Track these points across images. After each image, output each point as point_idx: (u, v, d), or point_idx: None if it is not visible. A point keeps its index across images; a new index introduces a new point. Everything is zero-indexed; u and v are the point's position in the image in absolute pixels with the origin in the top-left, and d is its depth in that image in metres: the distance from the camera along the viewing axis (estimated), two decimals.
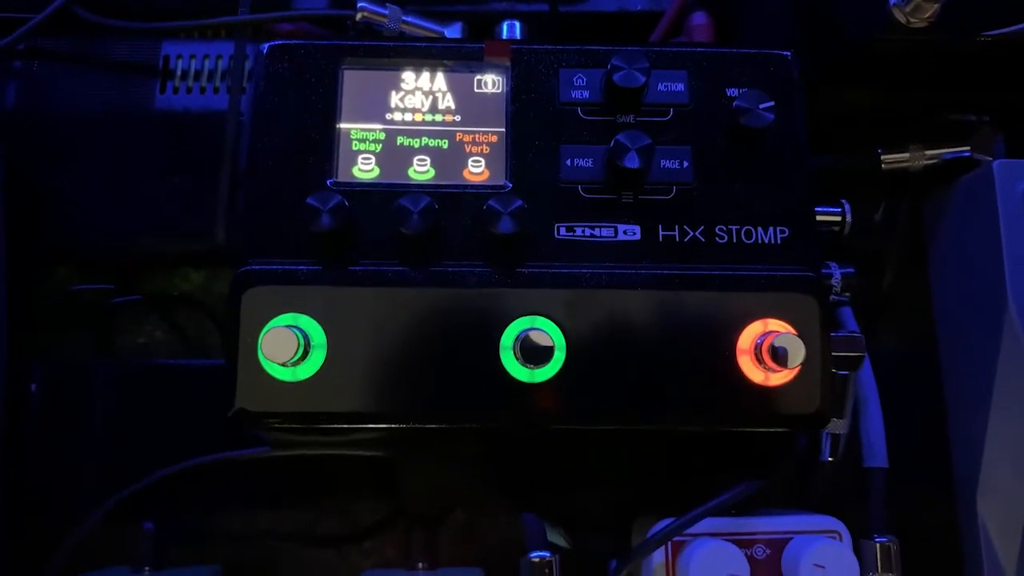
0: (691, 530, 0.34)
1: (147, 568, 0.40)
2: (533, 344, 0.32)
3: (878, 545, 0.36)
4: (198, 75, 0.48)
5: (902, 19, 0.38)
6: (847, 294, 0.38)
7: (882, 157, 0.44)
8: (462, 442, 0.38)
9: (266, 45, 0.37)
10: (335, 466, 0.44)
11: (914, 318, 0.47)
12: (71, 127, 0.47)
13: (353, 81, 0.36)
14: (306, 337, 0.32)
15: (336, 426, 0.34)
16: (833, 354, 0.34)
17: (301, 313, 0.33)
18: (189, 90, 0.48)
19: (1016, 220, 0.39)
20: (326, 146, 0.35)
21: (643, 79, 0.35)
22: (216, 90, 0.48)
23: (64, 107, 0.47)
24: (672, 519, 0.34)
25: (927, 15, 0.38)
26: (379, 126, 0.36)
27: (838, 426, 0.38)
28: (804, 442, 0.38)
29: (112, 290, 0.46)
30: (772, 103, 0.35)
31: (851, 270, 0.38)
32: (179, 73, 0.48)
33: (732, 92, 0.36)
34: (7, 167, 0.43)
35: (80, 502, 0.43)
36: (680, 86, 0.37)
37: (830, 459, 0.38)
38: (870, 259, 0.47)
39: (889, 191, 0.47)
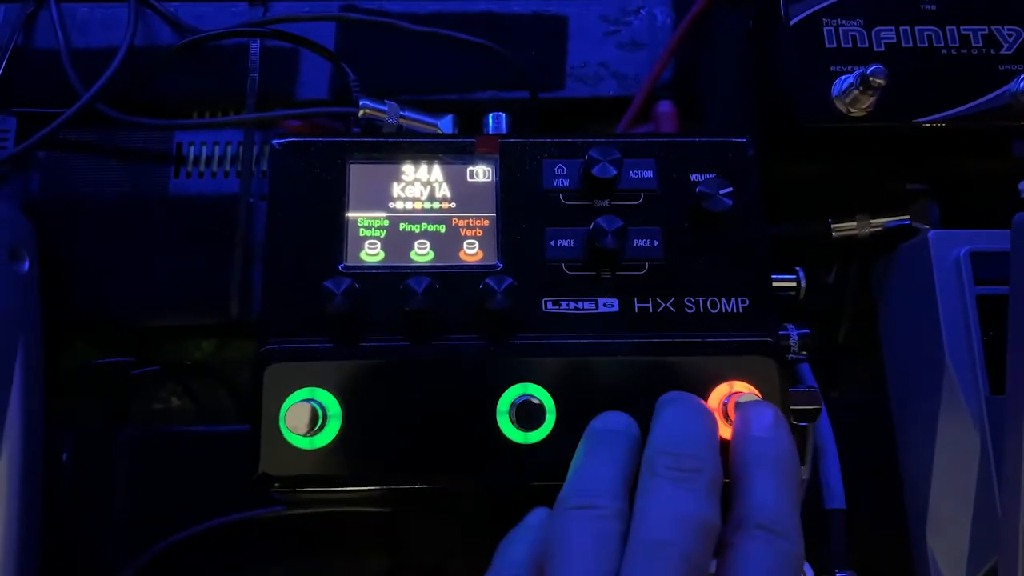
0: None
1: None
2: (527, 409, 0.36)
3: None
4: (209, 161, 0.52)
5: (843, 109, 0.44)
6: (804, 352, 0.43)
7: (832, 226, 0.49)
8: (460, 498, 0.42)
9: (277, 141, 0.41)
10: (344, 522, 0.47)
11: (868, 369, 0.51)
12: (92, 211, 0.50)
13: (359, 174, 0.40)
14: (323, 409, 0.36)
15: (349, 487, 0.38)
16: (793, 407, 0.38)
17: (317, 387, 0.37)
18: (201, 175, 0.52)
19: (949, 284, 0.44)
20: (336, 233, 0.39)
21: (615, 171, 0.39)
22: (226, 174, 0.52)
23: (85, 192, 0.51)
24: None
25: (864, 106, 0.43)
26: (383, 214, 0.40)
27: (801, 472, 0.42)
28: None
29: (131, 362, 0.49)
30: (731, 188, 0.39)
31: (807, 331, 0.42)
32: (191, 159, 0.52)
33: (695, 177, 0.41)
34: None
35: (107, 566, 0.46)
36: (649, 173, 0.41)
37: None
38: (827, 316, 0.52)
39: (841, 255, 0.52)
